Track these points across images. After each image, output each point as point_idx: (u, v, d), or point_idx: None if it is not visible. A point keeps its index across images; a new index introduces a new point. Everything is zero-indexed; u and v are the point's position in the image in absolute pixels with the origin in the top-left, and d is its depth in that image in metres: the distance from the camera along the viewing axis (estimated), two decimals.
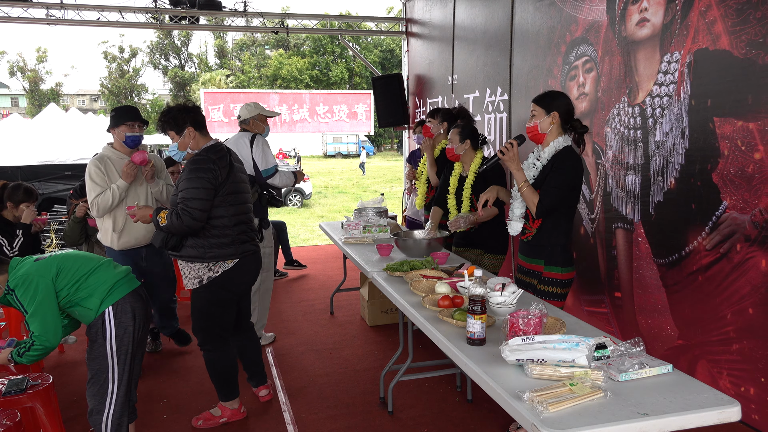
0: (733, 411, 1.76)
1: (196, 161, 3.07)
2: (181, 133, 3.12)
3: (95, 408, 2.74)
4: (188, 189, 3.01)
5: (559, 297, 2.98)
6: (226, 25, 8.35)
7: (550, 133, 2.94)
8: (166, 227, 3.07)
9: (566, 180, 2.87)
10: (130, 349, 2.75)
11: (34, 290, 2.53)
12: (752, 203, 3.02)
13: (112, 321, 2.69)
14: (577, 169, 2.90)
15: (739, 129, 3.08)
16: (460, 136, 3.79)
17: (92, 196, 3.78)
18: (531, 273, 3.06)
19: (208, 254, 3.11)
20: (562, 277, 2.95)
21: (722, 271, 3.22)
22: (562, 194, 2.88)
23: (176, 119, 3.11)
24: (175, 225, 3.02)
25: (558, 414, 1.70)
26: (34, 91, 42.95)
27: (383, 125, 8.72)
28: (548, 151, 2.95)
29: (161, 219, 3.07)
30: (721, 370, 3.29)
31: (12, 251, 3.99)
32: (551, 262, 2.96)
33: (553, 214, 2.93)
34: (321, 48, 37.40)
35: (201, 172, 3.03)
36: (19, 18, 7.34)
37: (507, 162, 2.97)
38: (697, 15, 3.32)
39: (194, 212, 2.99)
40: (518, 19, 5.21)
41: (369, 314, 5.11)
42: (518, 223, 3.07)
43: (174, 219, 3.01)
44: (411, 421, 3.43)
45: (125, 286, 2.78)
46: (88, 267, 2.72)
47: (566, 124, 2.95)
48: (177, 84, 43.33)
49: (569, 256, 2.98)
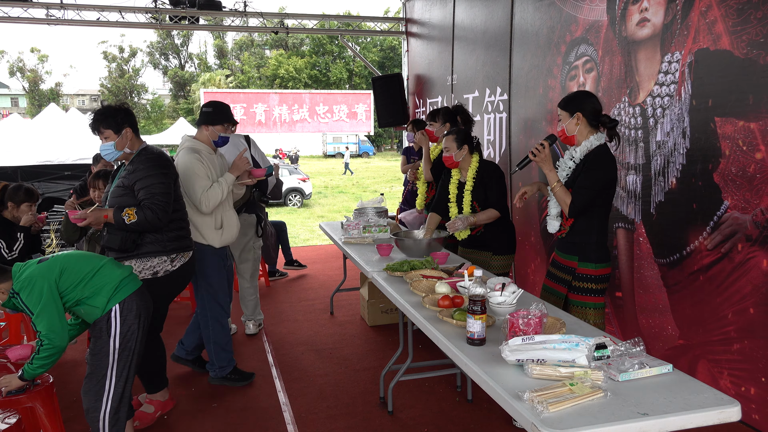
0: (734, 411, 1.76)
1: (154, 158, 3.15)
2: (120, 133, 3.12)
3: (91, 406, 2.75)
4: (155, 184, 3.08)
5: (596, 293, 2.96)
6: (225, 25, 8.35)
7: (579, 133, 2.93)
8: (135, 224, 3.04)
9: (597, 179, 2.86)
10: (133, 347, 2.77)
11: (38, 292, 2.56)
12: (753, 203, 3.02)
13: (117, 319, 2.71)
14: (608, 168, 2.88)
15: (740, 129, 3.08)
16: (457, 143, 3.74)
17: (199, 191, 3.57)
18: (566, 269, 3.05)
19: (169, 247, 3.20)
20: (596, 273, 2.95)
21: (723, 270, 3.22)
22: (592, 194, 2.87)
23: (116, 119, 3.12)
24: (149, 220, 3.03)
25: (558, 414, 1.69)
26: (34, 91, 42.95)
27: (383, 125, 8.72)
28: (581, 151, 2.95)
29: (129, 216, 3.02)
30: (721, 370, 3.28)
31: (11, 254, 3.97)
32: (585, 259, 2.96)
33: (586, 212, 2.93)
34: (320, 48, 37.42)
35: (163, 168, 3.14)
36: (19, 18, 7.34)
37: (539, 163, 2.98)
38: (697, 15, 3.32)
39: (166, 206, 3.08)
40: (518, 18, 5.20)
41: (369, 314, 5.10)
42: (556, 222, 3.08)
43: (148, 214, 3.03)
44: (411, 421, 3.42)
45: (131, 284, 2.80)
46: (93, 266, 2.74)
47: (595, 122, 2.93)
48: (177, 84, 43.33)
49: (604, 253, 2.97)
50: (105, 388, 2.74)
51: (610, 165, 2.89)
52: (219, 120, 3.76)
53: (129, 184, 3.11)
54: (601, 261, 2.96)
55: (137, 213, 3.03)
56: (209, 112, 3.76)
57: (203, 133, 3.77)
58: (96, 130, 3.13)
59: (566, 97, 3.00)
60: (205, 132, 3.76)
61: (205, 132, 3.76)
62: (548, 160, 2.95)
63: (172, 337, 4.85)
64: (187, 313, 5.58)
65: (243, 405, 3.67)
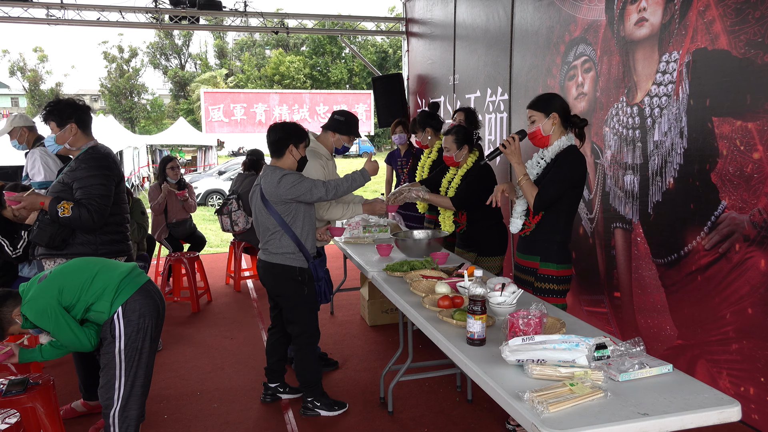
0: (733, 411, 1.76)
1: (99, 158, 3.12)
2: (63, 127, 3.11)
3: (103, 404, 2.77)
4: (95, 185, 3.05)
5: (557, 294, 2.99)
6: (225, 25, 8.36)
7: (553, 133, 2.97)
8: (68, 219, 3.00)
9: (567, 176, 2.89)
10: (139, 346, 2.76)
11: (45, 314, 2.58)
12: (751, 203, 3.03)
13: (121, 320, 2.71)
14: (579, 167, 2.92)
15: (737, 129, 3.08)
16: (457, 143, 3.77)
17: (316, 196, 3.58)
18: (527, 270, 3.07)
19: (101, 250, 3.15)
20: (557, 274, 2.97)
21: (721, 270, 3.22)
22: (561, 189, 2.89)
23: (61, 111, 3.10)
24: (83, 219, 2.99)
25: (558, 414, 1.70)
26: (34, 91, 42.91)
27: (383, 125, 8.72)
28: (552, 150, 2.98)
29: (64, 209, 2.97)
30: (720, 370, 3.29)
31: (15, 252, 3.99)
32: (547, 259, 2.98)
33: (553, 211, 2.95)
34: (320, 48, 37.37)
35: (105, 169, 3.10)
36: (19, 18, 7.34)
37: (508, 155, 2.99)
38: (695, 15, 3.32)
39: (104, 208, 3.04)
40: (518, 18, 5.21)
41: (369, 314, 5.11)
42: (519, 221, 3.09)
43: (83, 213, 2.99)
44: (411, 421, 3.43)
45: (131, 284, 2.77)
46: (89, 273, 2.72)
47: (566, 122, 2.98)
48: (177, 84, 43.32)
49: (566, 255, 3.00)
50: (114, 388, 2.75)
51: (581, 164, 2.93)
52: (349, 131, 3.81)
53: (69, 182, 3.08)
54: (563, 262, 2.98)
55: (73, 209, 2.99)
56: (342, 122, 3.80)
57: (329, 139, 3.83)
58: (45, 120, 3.14)
59: (539, 98, 3.02)
60: (331, 138, 3.81)
61: (331, 138, 3.81)
62: (517, 153, 2.98)
63: (171, 336, 4.86)
64: (187, 313, 5.59)
65: (243, 405, 3.68)
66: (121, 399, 2.76)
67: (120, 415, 2.76)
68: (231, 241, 6.57)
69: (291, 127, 3.36)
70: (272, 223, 3.29)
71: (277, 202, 3.25)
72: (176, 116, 35.26)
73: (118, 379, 2.74)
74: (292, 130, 3.35)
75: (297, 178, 3.23)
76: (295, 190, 3.20)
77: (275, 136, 3.32)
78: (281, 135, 3.31)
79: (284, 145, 3.30)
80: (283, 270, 3.32)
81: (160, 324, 2.88)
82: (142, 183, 20.50)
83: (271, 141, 3.33)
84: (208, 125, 11.41)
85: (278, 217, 3.26)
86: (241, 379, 4.07)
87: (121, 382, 2.75)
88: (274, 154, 3.36)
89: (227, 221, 6.02)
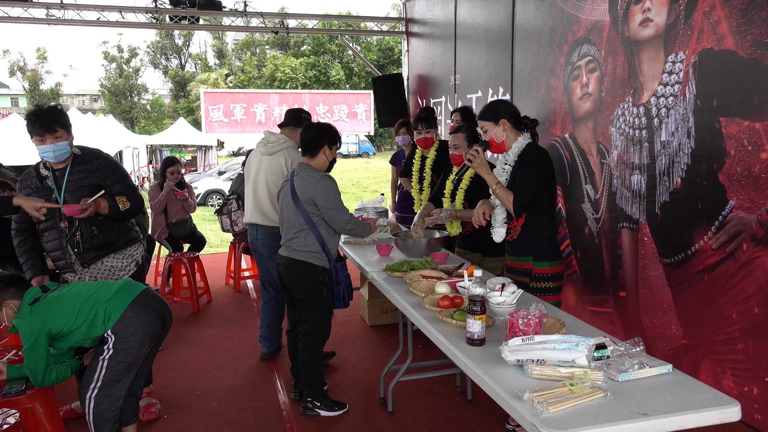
0: (733, 411, 1.76)
1: (106, 155, 3.34)
2: (70, 133, 3.14)
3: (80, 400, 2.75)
4: (126, 176, 3.29)
5: (553, 291, 3.02)
6: (225, 25, 8.34)
7: (507, 138, 3.04)
8: (129, 210, 3.18)
9: (535, 173, 2.94)
10: (127, 359, 2.72)
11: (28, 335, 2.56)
12: (759, 203, 3.01)
13: (111, 339, 2.68)
14: (543, 162, 2.98)
15: (745, 129, 3.06)
16: (468, 142, 3.74)
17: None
18: (521, 272, 3.08)
19: (138, 235, 3.42)
20: (552, 271, 3.02)
21: (728, 270, 3.20)
22: (534, 188, 2.94)
23: (66, 119, 3.15)
24: (137, 206, 3.23)
25: (558, 414, 1.69)
26: (34, 91, 42.90)
27: (383, 125, 8.71)
28: (513, 153, 3.05)
29: (123, 203, 3.15)
30: (725, 370, 3.27)
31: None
32: (540, 258, 3.02)
33: (534, 210, 2.99)
34: (320, 48, 37.35)
35: (119, 162, 3.40)
36: (19, 18, 7.32)
37: (476, 168, 3.05)
38: (701, 15, 3.30)
39: (140, 194, 3.35)
40: (519, 18, 5.18)
41: (369, 314, 5.08)
42: (502, 229, 3.14)
43: (134, 201, 3.22)
44: (411, 421, 3.41)
45: (120, 303, 2.71)
46: (76, 302, 2.68)
47: (518, 125, 3.05)
48: (177, 84, 43.32)
49: (557, 251, 3.06)
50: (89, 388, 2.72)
51: (544, 158, 2.99)
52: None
53: (96, 182, 3.15)
54: (555, 258, 3.04)
55: (129, 200, 3.19)
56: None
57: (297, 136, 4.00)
58: (50, 129, 2.99)
59: (485, 108, 3.10)
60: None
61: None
62: (484, 165, 3.03)
63: (171, 336, 4.83)
64: (187, 313, 5.56)
65: (243, 405, 3.66)
66: (96, 395, 2.71)
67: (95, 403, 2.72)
68: (231, 242, 6.55)
69: (326, 128, 3.47)
70: (299, 222, 3.36)
71: (307, 201, 3.31)
72: (176, 116, 35.25)
73: (94, 381, 2.70)
74: (327, 131, 3.46)
75: (334, 191, 3.33)
76: (327, 200, 3.30)
77: (311, 134, 3.41)
78: (317, 134, 3.41)
79: (319, 145, 3.40)
80: (308, 268, 3.38)
81: (162, 328, 2.85)
82: (141, 183, 20.48)
83: (306, 139, 3.42)
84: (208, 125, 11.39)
85: (306, 216, 3.33)
86: (240, 379, 4.04)
87: (97, 384, 2.70)
88: (307, 152, 3.44)
89: (227, 221, 6.00)
